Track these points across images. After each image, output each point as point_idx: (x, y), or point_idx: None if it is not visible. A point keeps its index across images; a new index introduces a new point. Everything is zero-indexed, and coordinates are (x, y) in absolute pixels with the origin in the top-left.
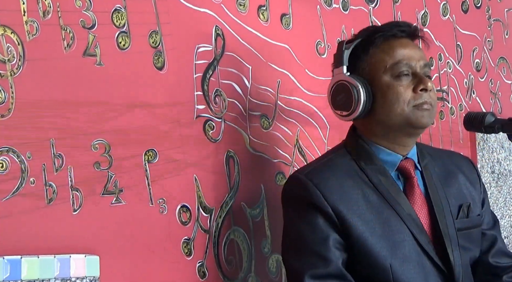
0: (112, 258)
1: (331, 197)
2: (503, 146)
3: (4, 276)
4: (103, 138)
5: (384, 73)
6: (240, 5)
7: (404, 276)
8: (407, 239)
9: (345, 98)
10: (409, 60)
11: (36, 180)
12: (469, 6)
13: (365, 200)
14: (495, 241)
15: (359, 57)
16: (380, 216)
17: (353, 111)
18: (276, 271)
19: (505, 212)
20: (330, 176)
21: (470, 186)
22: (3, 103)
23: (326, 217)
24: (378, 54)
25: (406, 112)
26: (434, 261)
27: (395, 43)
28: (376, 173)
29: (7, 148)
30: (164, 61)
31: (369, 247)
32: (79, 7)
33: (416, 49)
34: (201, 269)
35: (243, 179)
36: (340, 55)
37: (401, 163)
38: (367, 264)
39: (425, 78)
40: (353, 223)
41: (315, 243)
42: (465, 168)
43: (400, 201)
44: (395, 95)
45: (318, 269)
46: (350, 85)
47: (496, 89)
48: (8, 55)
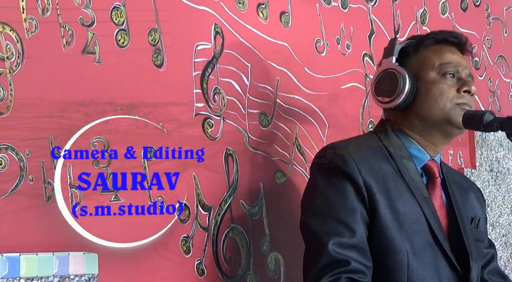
0: (110, 255)
1: (364, 170)
2: (502, 145)
3: (3, 273)
4: (102, 135)
5: (431, 70)
6: (239, 3)
7: (417, 264)
8: (425, 230)
9: (390, 85)
10: (457, 65)
11: (34, 177)
12: (468, 5)
13: (394, 184)
14: (492, 259)
15: (409, 54)
16: (404, 202)
17: (395, 99)
18: (274, 269)
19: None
20: (364, 152)
21: (478, 205)
22: (2, 101)
23: (357, 189)
24: (428, 53)
25: (448, 108)
26: (448, 257)
27: (446, 47)
28: (404, 163)
29: (5, 145)
30: (163, 59)
31: (389, 229)
32: (78, 5)
33: (463, 58)
34: (199, 267)
35: (242, 177)
36: (391, 48)
37: (428, 162)
38: (384, 245)
39: (470, 81)
40: (380, 203)
41: (343, 212)
42: (474, 188)
43: (424, 194)
44: (439, 90)
45: (343, 238)
46: (398, 73)
47: (495, 88)
48: (7, 52)
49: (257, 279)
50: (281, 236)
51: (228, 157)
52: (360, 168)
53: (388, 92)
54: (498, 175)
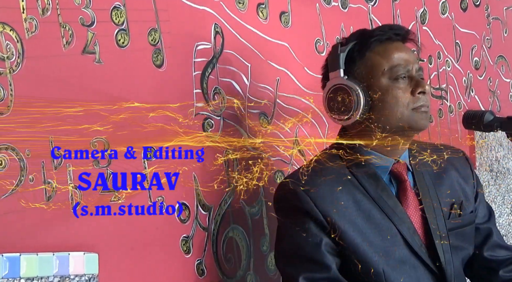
0: (111, 255)
1: (321, 204)
2: (502, 145)
3: (3, 273)
4: (102, 135)
5: (382, 76)
6: (239, 3)
7: (397, 280)
8: (399, 244)
9: (343, 102)
10: (406, 64)
11: (35, 177)
12: (468, 4)
13: (356, 206)
14: (490, 234)
15: (354, 60)
16: (372, 222)
17: (351, 117)
18: (274, 269)
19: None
20: (319, 182)
21: (463, 182)
22: (2, 101)
23: (317, 223)
24: (375, 58)
25: (406, 115)
26: (426, 264)
27: (391, 46)
28: (367, 178)
29: (6, 145)
30: (163, 59)
31: (361, 253)
32: (78, 5)
33: (410, 53)
34: (199, 267)
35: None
36: (335, 58)
37: (394, 167)
38: (360, 269)
39: (422, 81)
40: (344, 230)
41: (308, 248)
42: (458, 163)
43: (392, 206)
44: (394, 98)
45: (313, 273)
46: (350, 89)
47: (495, 87)
48: (7, 52)
49: (257, 279)
50: None
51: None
52: (316, 202)
53: (343, 110)
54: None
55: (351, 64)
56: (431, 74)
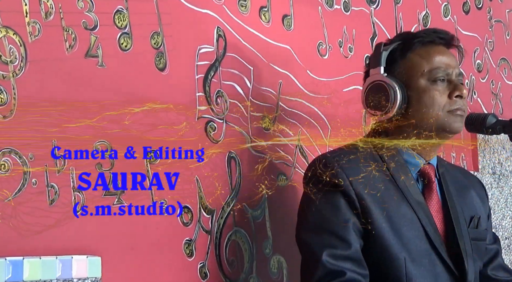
0: (114, 259)
1: (355, 181)
2: (505, 147)
3: (6, 277)
4: (105, 139)
5: (421, 77)
6: (241, 6)
7: (415, 271)
8: (422, 238)
9: (381, 97)
10: (446, 67)
11: (38, 181)
12: (470, 7)
13: (386, 193)
14: (496, 255)
15: (396, 60)
16: (399, 211)
17: (388, 112)
18: (277, 272)
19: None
20: (356, 162)
21: (480, 201)
22: (5, 104)
23: (349, 201)
24: (416, 59)
25: (441, 117)
26: (446, 263)
27: (433, 49)
28: (398, 169)
29: (9, 149)
30: (165, 62)
31: (385, 238)
32: (81, 8)
33: (452, 57)
34: (202, 270)
35: (244, 180)
36: (377, 56)
37: (423, 167)
38: (380, 254)
39: (460, 85)
40: (373, 211)
41: (336, 223)
42: (475, 184)
43: (418, 201)
44: (431, 99)
45: (336, 250)
46: (387, 86)
47: (498, 90)
48: (10, 56)
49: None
50: (284, 239)
51: (231, 160)
52: (351, 180)
53: (379, 105)
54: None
55: (392, 63)
56: None
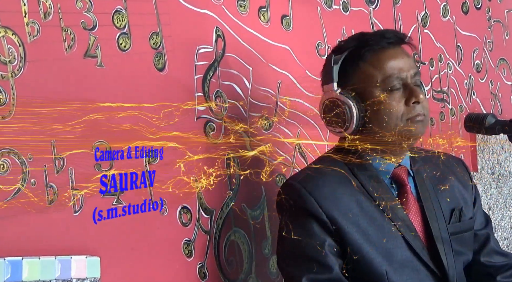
0: (113, 259)
1: (325, 204)
2: (504, 148)
3: (5, 277)
4: (104, 139)
5: (375, 88)
6: (240, 6)
7: (399, 281)
8: (401, 246)
9: (338, 115)
10: (400, 72)
11: (37, 181)
12: (469, 7)
13: (359, 206)
14: (487, 240)
15: (348, 72)
16: (374, 223)
17: (347, 128)
18: (276, 272)
19: (505, 213)
20: (323, 183)
21: (462, 188)
22: (4, 105)
23: (320, 223)
24: (368, 69)
25: (400, 126)
26: (428, 266)
27: (384, 55)
28: (369, 180)
29: (8, 149)
30: (164, 62)
31: (364, 254)
32: (80, 9)
33: (405, 59)
34: (201, 270)
35: (243, 180)
36: (329, 71)
37: (395, 171)
38: (362, 270)
39: (416, 90)
40: (348, 230)
41: (311, 249)
42: (456, 170)
43: (393, 208)
44: (388, 110)
45: (316, 275)
46: (342, 103)
47: (497, 90)
48: (9, 56)
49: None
50: None
51: (230, 160)
52: (320, 202)
53: (338, 123)
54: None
55: (345, 75)
56: (433, 77)
